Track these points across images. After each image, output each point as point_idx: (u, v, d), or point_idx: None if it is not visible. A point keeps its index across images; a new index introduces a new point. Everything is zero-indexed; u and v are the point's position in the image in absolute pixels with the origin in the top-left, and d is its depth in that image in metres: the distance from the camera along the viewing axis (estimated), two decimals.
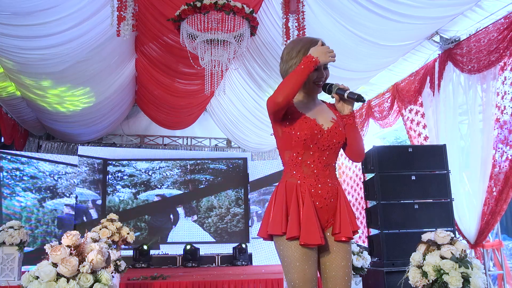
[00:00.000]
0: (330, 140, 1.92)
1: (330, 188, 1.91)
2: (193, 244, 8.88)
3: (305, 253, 1.82)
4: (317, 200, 1.88)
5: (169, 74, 7.22)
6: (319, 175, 1.90)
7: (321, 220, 1.89)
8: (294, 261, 1.82)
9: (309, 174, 1.90)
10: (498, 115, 4.43)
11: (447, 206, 4.53)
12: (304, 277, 1.81)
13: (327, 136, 1.92)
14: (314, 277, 1.84)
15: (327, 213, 1.90)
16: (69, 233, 2.24)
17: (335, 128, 1.94)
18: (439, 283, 2.63)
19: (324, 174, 1.91)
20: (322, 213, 1.89)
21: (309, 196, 1.87)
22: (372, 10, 4.65)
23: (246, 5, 4.62)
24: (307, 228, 1.81)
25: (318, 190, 1.88)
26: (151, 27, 5.90)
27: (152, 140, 10.65)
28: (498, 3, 4.38)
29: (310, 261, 1.83)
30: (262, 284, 5.39)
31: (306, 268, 1.81)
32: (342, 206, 1.91)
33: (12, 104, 7.32)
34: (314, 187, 1.89)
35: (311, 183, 1.89)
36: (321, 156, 1.91)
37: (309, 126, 1.90)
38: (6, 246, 4.75)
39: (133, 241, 5.05)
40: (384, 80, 6.59)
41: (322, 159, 1.92)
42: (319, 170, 1.91)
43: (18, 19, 4.57)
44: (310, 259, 1.83)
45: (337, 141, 1.94)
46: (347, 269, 1.89)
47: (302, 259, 1.81)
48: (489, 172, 4.49)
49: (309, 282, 1.81)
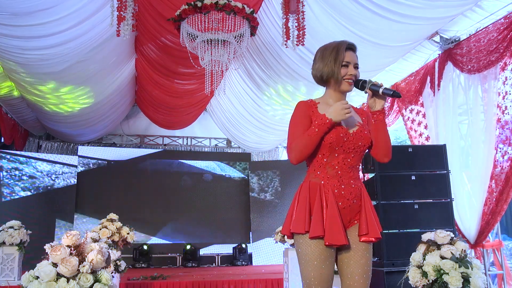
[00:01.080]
0: (355, 143, 1.96)
1: (353, 189, 1.94)
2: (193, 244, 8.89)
3: (323, 253, 1.85)
4: (340, 200, 1.92)
5: (168, 74, 7.22)
6: (343, 177, 1.94)
7: (344, 220, 1.93)
8: (312, 259, 1.85)
9: (333, 175, 1.94)
10: (499, 115, 4.43)
11: (447, 206, 4.53)
12: (320, 276, 1.84)
13: (352, 139, 1.95)
14: (330, 278, 1.87)
15: (349, 213, 1.94)
16: (69, 233, 2.24)
17: (361, 131, 1.99)
18: (439, 283, 2.63)
19: (348, 175, 1.95)
20: (345, 213, 1.93)
21: (332, 196, 1.90)
22: (372, 10, 4.65)
23: (246, 5, 4.62)
24: (331, 229, 1.85)
25: (342, 191, 1.92)
26: (151, 27, 5.90)
27: (152, 140, 10.65)
28: (498, 3, 4.38)
29: (328, 261, 1.87)
30: (262, 284, 5.40)
31: (323, 267, 1.85)
32: (367, 207, 1.96)
33: (12, 104, 7.32)
34: (338, 188, 1.92)
35: (334, 184, 1.92)
36: (346, 158, 1.95)
37: (335, 129, 1.93)
38: (6, 246, 4.75)
39: (133, 241, 5.05)
40: (384, 80, 6.56)
41: (347, 161, 1.95)
42: (343, 172, 1.94)
43: (18, 19, 4.56)
44: (328, 259, 1.87)
45: (363, 144, 1.98)
46: (366, 267, 1.91)
47: (320, 258, 1.85)
48: (490, 172, 4.49)
49: (325, 281, 1.85)
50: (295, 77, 6.54)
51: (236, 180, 10.18)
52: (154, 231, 9.38)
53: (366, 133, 2.00)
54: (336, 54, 1.99)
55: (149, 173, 9.82)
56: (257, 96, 7.74)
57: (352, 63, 2.00)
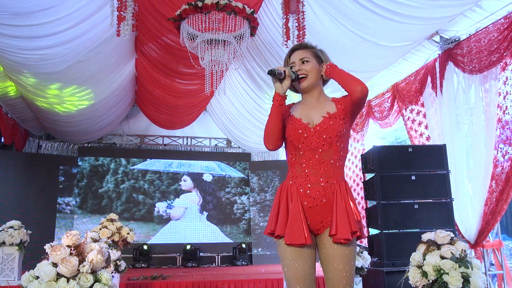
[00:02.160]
0: (319, 137, 1.89)
1: (322, 187, 1.87)
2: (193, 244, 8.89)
3: (295, 251, 1.84)
4: (305, 200, 1.87)
5: (168, 74, 7.22)
6: (311, 175, 1.88)
7: (313, 221, 1.88)
8: (285, 259, 1.87)
9: (300, 174, 1.90)
10: (500, 115, 4.43)
11: (447, 206, 4.54)
12: (296, 274, 1.84)
13: (314, 134, 1.90)
14: (308, 275, 1.85)
15: (319, 213, 1.87)
16: (69, 233, 2.24)
17: (324, 123, 1.91)
18: (439, 283, 2.63)
19: (316, 173, 1.88)
20: (313, 213, 1.87)
21: (296, 196, 1.87)
22: (373, 10, 4.65)
23: (246, 5, 4.62)
24: (291, 228, 1.84)
25: (307, 190, 1.87)
26: (151, 27, 5.90)
27: (152, 140, 10.65)
28: (498, 3, 4.38)
29: (301, 259, 1.85)
30: (262, 284, 5.39)
31: (297, 266, 1.84)
32: (340, 206, 1.85)
33: (12, 104, 7.32)
34: (303, 187, 1.88)
35: (300, 183, 1.89)
36: (312, 154, 1.89)
37: (293, 126, 1.93)
38: (6, 246, 4.75)
39: (133, 241, 5.05)
40: (384, 80, 6.59)
41: (315, 158, 1.89)
42: (311, 170, 1.89)
43: (18, 19, 4.56)
44: (301, 257, 1.85)
45: (328, 136, 1.89)
46: (345, 273, 1.84)
47: (292, 257, 1.85)
48: (491, 172, 4.49)
49: (302, 279, 1.83)
50: None
51: (236, 180, 10.19)
52: (154, 231, 9.39)
53: (332, 123, 1.90)
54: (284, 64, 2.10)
55: (149, 173, 9.82)
56: (258, 96, 7.74)
57: (296, 60, 2.02)
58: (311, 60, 2.02)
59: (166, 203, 9.70)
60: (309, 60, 2.01)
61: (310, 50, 2.05)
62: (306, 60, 2.01)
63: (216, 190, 10.00)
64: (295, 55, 2.04)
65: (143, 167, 9.84)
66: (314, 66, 2.01)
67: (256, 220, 9.78)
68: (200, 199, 9.87)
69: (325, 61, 2.06)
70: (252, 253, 9.41)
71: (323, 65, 2.04)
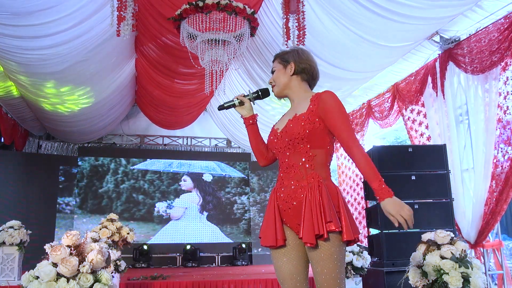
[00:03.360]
0: (283, 141, 1.91)
1: (292, 190, 1.85)
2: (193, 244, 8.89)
3: (278, 252, 1.91)
4: (280, 203, 1.91)
5: (168, 74, 7.22)
6: (284, 178, 1.92)
7: (291, 224, 1.90)
8: (273, 259, 1.94)
9: (278, 178, 1.97)
10: (501, 115, 4.43)
11: (447, 206, 4.53)
12: (281, 273, 1.90)
13: (280, 138, 1.94)
14: (294, 273, 1.88)
15: (295, 216, 1.86)
16: (69, 233, 2.24)
17: (286, 127, 1.91)
18: (439, 283, 2.63)
19: (288, 176, 1.89)
20: (288, 216, 1.89)
21: (273, 200, 1.93)
22: (373, 10, 4.65)
23: (247, 5, 4.62)
24: (264, 231, 1.92)
25: (281, 194, 1.91)
26: (151, 27, 5.90)
27: (152, 140, 10.65)
28: (498, 3, 4.39)
29: (285, 258, 1.89)
30: (262, 284, 5.39)
31: (281, 264, 1.89)
32: (307, 209, 1.78)
33: (12, 104, 7.32)
34: (279, 191, 1.93)
35: (277, 187, 1.95)
36: (283, 159, 1.94)
37: (270, 134, 2.04)
38: (6, 246, 4.75)
39: (133, 241, 5.04)
40: (384, 80, 6.59)
41: (285, 161, 1.92)
42: (284, 173, 1.92)
43: (18, 19, 4.56)
44: (284, 256, 1.90)
45: (290, 139, 1.87)
46: (323, 276, 1.76)
47: (275, 257, 1.92)
48: (491, 172, 4.49)
49: (288, 278, 1.87)
50: None
51: (236, 180, 10.19)
52: (154, 231, 9.39)
53: (292, 126, 1.87)
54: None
55: (149, 173, 9.82)
56: None
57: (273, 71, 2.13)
58: (277, 67, 2.08)
59: (166, 203, 9.70)
60: (275, 68, 2.09)
61: (278, 58, 2.10)
62: (273, 70, 2.11)
63: (216, 190, 10.01)
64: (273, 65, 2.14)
65: (143, 167, 9.84)
66: (279, 71, 2.06)
67: (256, 220, 9.78)
68: (200, 199, 9.88)
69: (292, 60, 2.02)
70: (252, 253, 9.41)
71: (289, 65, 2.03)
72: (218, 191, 10.01)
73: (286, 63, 2.04)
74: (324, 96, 1.87)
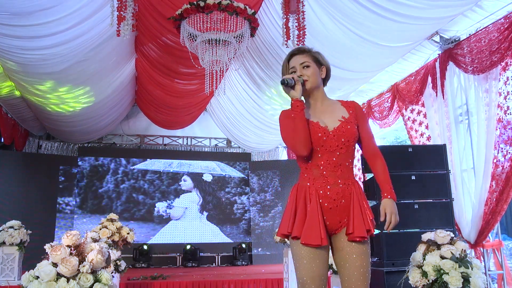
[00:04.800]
0: (338, 140, 1.94)
1: (340, 189, 1.92)
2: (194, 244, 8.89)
3: (312, 252, 1.87)
4: (325, 201, 1.91)
5: (168, 74, 7.22)
6: (329, 177, 1.93)
7: (332, 221, 1.92)
8: (301, 259, 1.88)
9: (318, 176, 1.94)
10: (501, 115, 4.43)
11: (447, 206, 4.53)
12: (312, 274, 1.86)
13: (333, 137, 1.94)
14: (323, 276, 1.88)
15: (338, 214, 1.92)
16: (69, 233, 2.24)
17: (342, 127, 1.95)
18: (439, 283, 2.63)
19: (334, 175, 1.93)
20: (333, 214, 1.92)
21: (316, 197, 1.91)
22: (373, 10, 4.65)
23: (247, 5, 4.61)
24: (308, 229, 1.87)
25: (327, 192, 1.91)
26: (151, 27, 5.90)
27: (152, 140, 10.65)
28: (498, 3, 4.38)
29: (318, 260, 1.88)
30: (262, 284, 5.40)
31: (313, 266, 1.87)
32: (356, 206, 1.92)
33: (12, 104, 7.31)
34: (323, 189, 1.92)
35: (319, 185, 1.92)
36: (330, 157, 1.93)
37: (313, 130, 1.94)
38: (6, 246, 4.75)
39: (133, 241, 5.04)
40: (384, 80, 6.59)
41: (332, 160, 1.93)
42: (328, 172, 1.93)
43: (18, 19, 4.56)
44: (318, 257, 1.88)
45: (346, 140, 1.95)
46: (362, 269, 1.89)
47: (309, 257, 1.87)
48: (491, 172, 4.49)
49: (317, 279, 1.86)
50: None
51: (236, 180, 10.19)
52: (154, 231, 9.39)
53: (350, 127, 1.96)
54: (282, 69, 2.11)
55: (149, 173, 9.82)
56: (257, 96, 7.74)
57: (297, 65, 2.04)
58: (311, 64, 2.04)
59: (166, 203, 9.70)
60: (309, 64, 2.03)
61: (309, 54, 2.06)
62: (307, 65, 2.03)
63: (216, 190, 10.00)
64: (295, 60, 2.06)
65: (143, 167, 9.84)
66: (315, 70, 2.04)
67: (256, 220, 9.78)
68: (200, 199, 9.88)
69: (324, 64, 2.09)
70: (252, 253, 9.41)
71: (323, 68, 2.08)
72: (218, 191, 10.01)
73: (320, 65, 2.07)
74: (358, 105, 2.10)
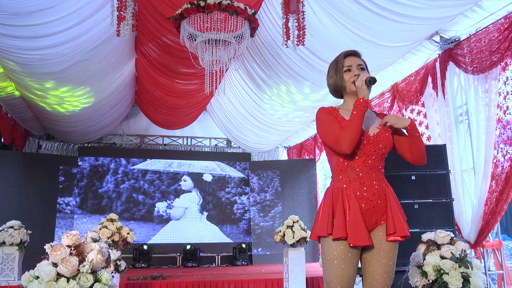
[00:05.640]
0: (376, 145, 2.00)
1: (376, 190, 1.98)
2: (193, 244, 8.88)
3: (344, 253, 1.91)
4: (363, 202, 1.96)
5: (168, 74, 7.22)
6: (365, 179, 1.98)
7: (369, 222, 1.96)
8: (333, 259, 1.92)
9: (355, 178, 1.98)
10: (501, 115, 4.43)
11: (447, 206, 4.53)
12: (340, 275, 1.90)
13: (373, 142, 2.00)
14: (351, 278, 1.91)
15: (374, 214, 1.97)
16: (69, 233, 2.24)
17: (381, 134, 2.02)
18: (439, 283, 2.63)
19: (370, 177, 1.98)
20: (369, 214, 1.96)
21: (354, 199, 1.95)
22: (373, 10, 4.65)
23: (247, 5, 4.61)
24: (354, 230, 1.90)
25: (364, 193, 1.96)
26: (151, 27, 5.90)
27: (152, 140, 10.65)
28: (498, 3, 4.38)
29: (349, 261, 1.91)
30: (262, 284, 5.40)
31: (343, 267, 1.90)
32: (393, 206, 1.99)
33: (12, 104, 7.32)
34: (360, 190, 1.96)
35: (356, 187, 1.97)
36: (366, 160, 1.99)
37: None
38: (6, 246, 4.75)
39: (133, 241, 5.05)
40: (384, 80, 6.58)
41: (368, 163, 1.99)
42: (364, 174, 1.98)
43: (18, 19, 4.56)
44: (349, 259, 1.92)
45: (384, 146, 2.02)
46: (387, 267, 1.94)
47: (341, 258, 1.91)
48: (491, 172, 4.49)
49: (345, 281, 1.90)
50: (295, 77, 6.54)
51: (236, 180, 10.19)
52: (154, 231, 9.39)
53: (387, 135, 2.04)
54: (336, 65, 2.13)
55: (149, 173, 9.82)
56: (257, 96, 7.74)
57: (354, 65, 2.08)
58: (365, 68, 2.11)
59: (166, 203, 9.70)
60: (364, 68, 2.11)
61: (362, 60, 2.15)
62: (363, 67, 2.11)
63: (216, 190, 10.00)
64: (352, 60, 2.11)
65: (143, 167, 9.84)
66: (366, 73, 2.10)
67: (256, 220, 9.78)
68: (200, 199, 9.88)
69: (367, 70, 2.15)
70: (252, 253, 9.41)
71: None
72: (218, 191, 10.01)
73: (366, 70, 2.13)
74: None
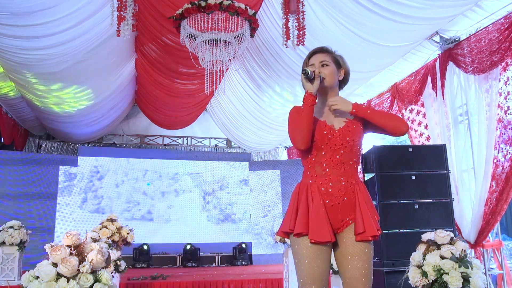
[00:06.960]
0: (342, 139, 1.95)
1: (343, 186, 1.92)
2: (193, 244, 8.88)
3: (314, 251, 1.85)
4: (327, 198, 1.91)
5: (168, 74, 7.22)
6: (332, 174, 1.93)
7: (335, 219, 1.91)
8: (303, 258, 1.86)
9: (321, 174, 1.94)
10: (501, 115, 4.43)
11: (447, 206, 4.53)
12: (312, 274, 1.84)
13: (338, 136, 1.95)
14: (324, 276, 1.86)
15: (340, 212, 1.91)
16: (69, 233, 2.24)
17: (348, 127, 1.97)
18: (439, 283, 2.63)
19: (337, 172, 1.93)
20: (335, 211, 1.91)
21: (318, 194, 1.90)
22: (373, 10, 4.65)
23: (248, 6, 4.61)
24: (315, 225, 1.85)
25: (329, 189, 1.91)
26: (151, 27, 5.90)
27: (152, 140, 10.65)
28: (498, 3, 4.38)
29: (319, 259, 1.86)
30: (262, 284, 5.40)
31: (315, 266, 1.84)
32: (362, 204, 1.91)
33: (12, 104, 7.32)
34: (325, 186, 1.92)
35: (321, 182, 1.93)
36: (333, 155, 1.94)
37: (319, 127, 1.96)
38: (6, 246, 4.75)
39: (133, 241, 5.04)
40: (384, 80, 6.59)
41: (335, 158, 1.94)
42: (331, 169, 1.94)
43: (18, 19, 4.56)
44: (320, 257, 1.86)
45: (351, 139, 1.96)
46: (363, 270, 1.87)
47: (310, 256, 1.85)
48: (491, 172, 4.49)
49: (318, 280, 1.84)
50: (295, 77, 6.54)
51: (236, 180, 10.18)
52: (154, 231, 9.39)
53: (355, 127, 1.97)
54: (303, 65, 2.09)
55: (149, 173, 9.82)
56: (258, 96, 7.74)
57: (316, 62, 2.05)
58: (330, 64, 2.06)
59: (166, 203, 9.70)
60: (328, 64, 2.05)
61: (330, 55, 2.09)
62: (326, 63, 2.05)
63: (216, 190, 10.00)
64: (315, 58, 2.08)
65: (143, 167, 9.84)
66: (333, 70, 2.05)
67: (256, 220, 9.78)
68: (200, 199, 9.87)
69: (343, 67, 2.11)
70: (252, 253, 9.41)
71: (342, 70, 2.10)
72: (218, 191, 10.01)
73: (339, 67, 2.09)
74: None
